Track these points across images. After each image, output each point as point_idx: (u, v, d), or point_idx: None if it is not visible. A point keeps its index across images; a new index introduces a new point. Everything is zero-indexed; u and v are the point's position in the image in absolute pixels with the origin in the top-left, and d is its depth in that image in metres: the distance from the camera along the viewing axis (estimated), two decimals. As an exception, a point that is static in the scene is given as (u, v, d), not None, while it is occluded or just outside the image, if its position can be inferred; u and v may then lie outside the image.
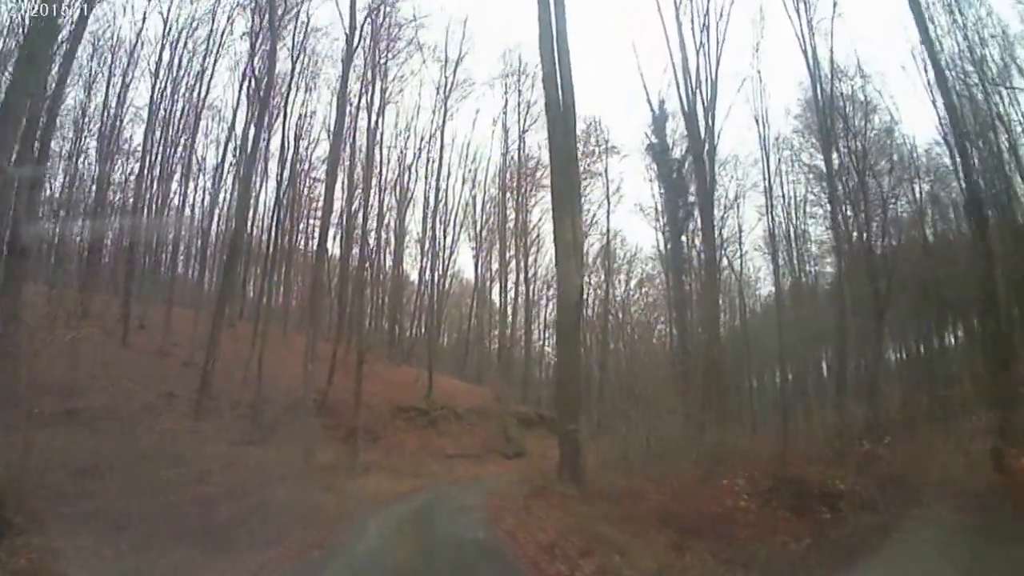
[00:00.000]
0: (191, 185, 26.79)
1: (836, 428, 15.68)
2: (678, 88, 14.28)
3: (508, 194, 29.25)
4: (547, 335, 36.05)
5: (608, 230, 29.36)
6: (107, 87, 23.06)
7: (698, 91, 14.24)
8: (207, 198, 26.65)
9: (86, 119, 23.44)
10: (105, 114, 23.02)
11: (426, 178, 29.35)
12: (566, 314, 12.91)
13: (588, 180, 26.61)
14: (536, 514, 9.26)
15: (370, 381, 19.24)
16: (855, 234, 17.45)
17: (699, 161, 14.00)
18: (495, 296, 33.29)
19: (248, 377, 19.62)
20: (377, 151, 24.68)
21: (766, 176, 20.56)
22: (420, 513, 10.19)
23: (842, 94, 17.41)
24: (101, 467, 7.30)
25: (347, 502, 10.00)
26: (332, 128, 18.39)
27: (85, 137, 23.54)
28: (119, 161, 24.25)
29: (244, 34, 22.21)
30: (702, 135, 14.09)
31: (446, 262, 30.41)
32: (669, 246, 20.27)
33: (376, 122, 22.86)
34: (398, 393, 21.91)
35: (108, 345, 20.44)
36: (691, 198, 19.72)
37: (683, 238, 18.96)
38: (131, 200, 24.41)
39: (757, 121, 19.95)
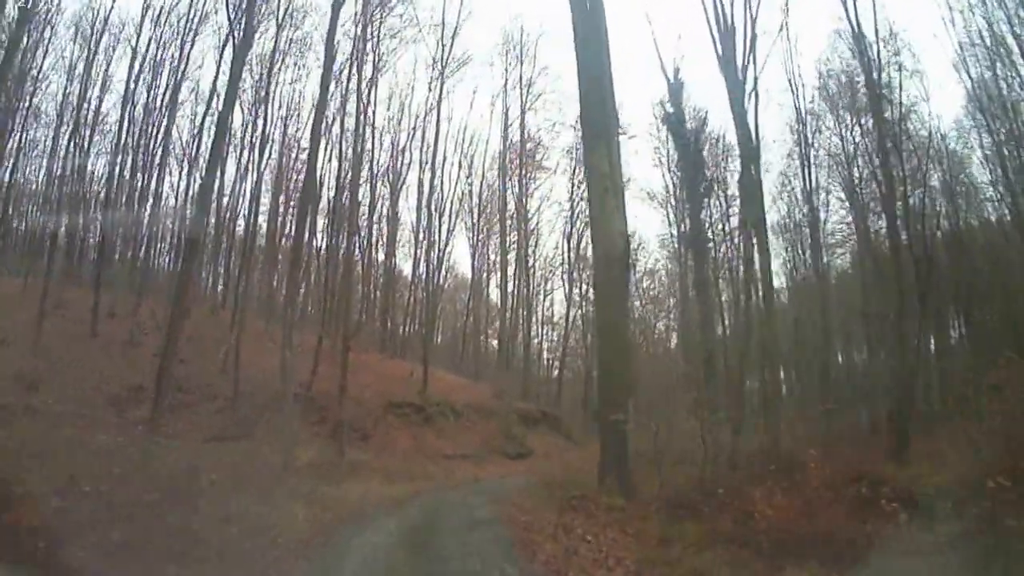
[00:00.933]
0: (169, 171, 25.80)
1: (879, 423, 14.43)
2: (710, 29, 12.43)
3: (507, 179, 27.57)
4: (544, 331, 34.85)
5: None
6: (85, 72, 22.12)
7: (733, 35, 12.53)
8: (185, 184, 25.22)
9: (67, 104, 22.69)
10: (82, 98, 22.07)
11: (421, 163, 27.54)
12: (608, 270, 9.95)
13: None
14: (580, 534, 6.96)
15: (360, 374, 17.69)
16: (887, 212, 15.91)
17: (739, 109, 12.26)
18: (492, 289, 31.82)
19: (228, 369, 18.15)
20: (368, 130, 22.78)
21: (801, 142, 18.98)
22: (419, 533, 7.65)
23: (877, 65, 15.96)
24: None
25: (323, 515, 7.71)
26: (319, 86, 16.43)
27: (66, 122, 22.76)
28: (95, 146, 23.34)
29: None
30: (740, 77, 12.29)
31: (441, 253, 28.67)
32: (689, 221, 18.50)
33: (368, 95, 20.84)
34: (390, 387, 20.31)
35: (77, 335, 19.12)
36: (709, 172, 18.29)
37: (703, 215, 17.33)
38: (106, 186, 23.49)
39: (790, 83, 18.53)
